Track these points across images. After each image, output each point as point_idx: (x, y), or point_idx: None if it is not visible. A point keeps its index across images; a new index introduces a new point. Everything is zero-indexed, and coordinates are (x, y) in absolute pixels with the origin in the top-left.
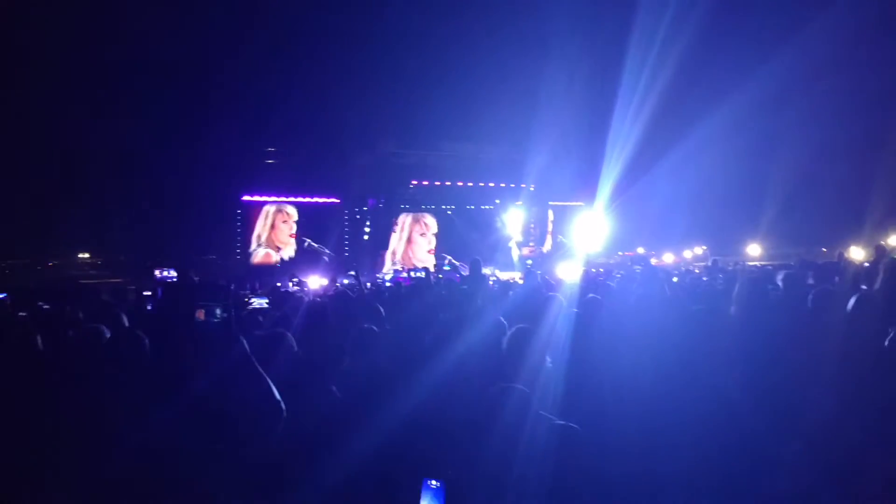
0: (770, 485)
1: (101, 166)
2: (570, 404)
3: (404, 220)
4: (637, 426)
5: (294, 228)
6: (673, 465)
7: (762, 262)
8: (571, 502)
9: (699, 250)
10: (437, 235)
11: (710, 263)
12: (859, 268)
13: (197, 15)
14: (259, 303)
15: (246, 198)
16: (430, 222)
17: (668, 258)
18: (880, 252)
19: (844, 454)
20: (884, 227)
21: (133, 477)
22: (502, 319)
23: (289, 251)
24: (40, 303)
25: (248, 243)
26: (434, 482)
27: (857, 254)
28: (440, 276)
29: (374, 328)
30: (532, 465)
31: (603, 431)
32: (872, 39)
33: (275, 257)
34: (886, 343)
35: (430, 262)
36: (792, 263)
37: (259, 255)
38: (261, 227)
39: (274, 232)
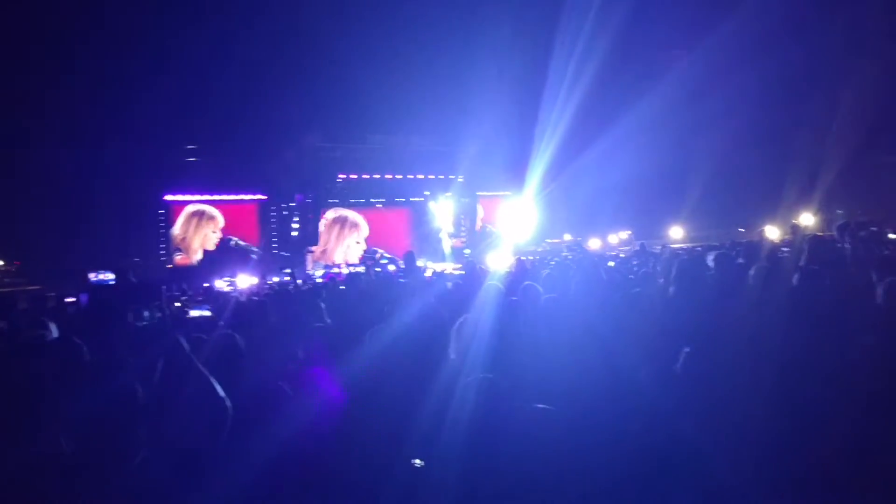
0: (724, 460)
1: (13, 168)
2: (525, 392)
3: (333, 217)
4: (592, 411)
5: (216, 232)
6: (623, 450)
7: (686, 244)
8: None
9: (624, 235)
10: (366, 237)
11: (637, 247)
12: (777, 246)
13: (117, 10)
14: (198, 313)
15: (168, 197)
16: (360, 222)
17: (595, 243)
18: (794, 230)
19: (795, 430)
20: (795, 208)
21: (81, 482)
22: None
23: (199, 254)
24: None
25: (171, 243)
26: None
27: (772, 233)
28: (377, 269)
29: (321, 325)
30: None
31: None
32: (785, 32)
33: (189, 260)
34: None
35: (357, 261)
36: (717, 244)
37: (176, 258)
38: (177, 230)
39: (190, 235)
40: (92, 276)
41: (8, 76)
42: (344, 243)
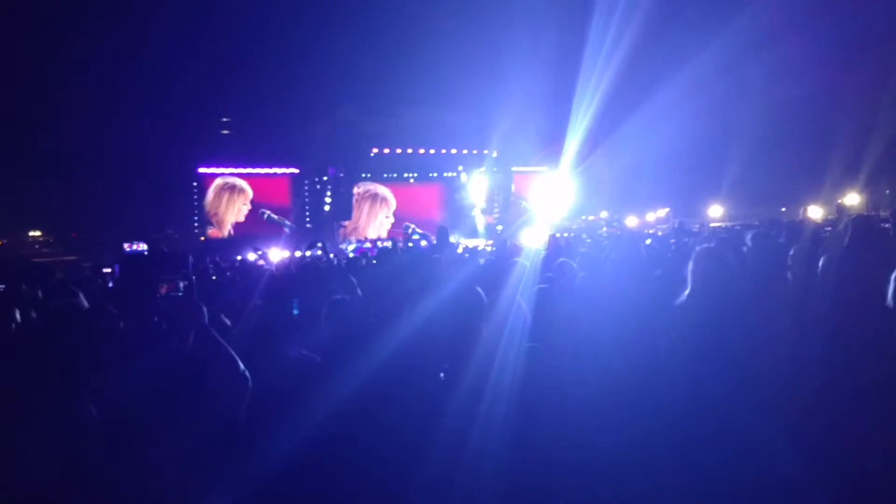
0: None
1: (51, 143)
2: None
3: (363, 192)
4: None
5: (247, 205)
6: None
7: (725, 223)
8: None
9: (662, 213)
10: (395, 212)
11: (675, 225)
12: (820, 226)
13: None
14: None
15: (202, 169)
16: (389, 196)
17: (632, 221)
18: (839, 210)
19: (829, 430)
20: (840, 187)
21: (104, 450)
22: (479, 290)
23: (230, 228)
24: None
25: (204, 216)
26: None
27: (815, 213)
28: (410, 244)
29: (346, 298)
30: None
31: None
32: (827, 6)
33: (220, 233)
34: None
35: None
36: (756, 223)
37: (209, 230)
38: (208, 202)
39: (222, 207)
40: (126, 247)
41: (45, 52)
42: (377, 218)
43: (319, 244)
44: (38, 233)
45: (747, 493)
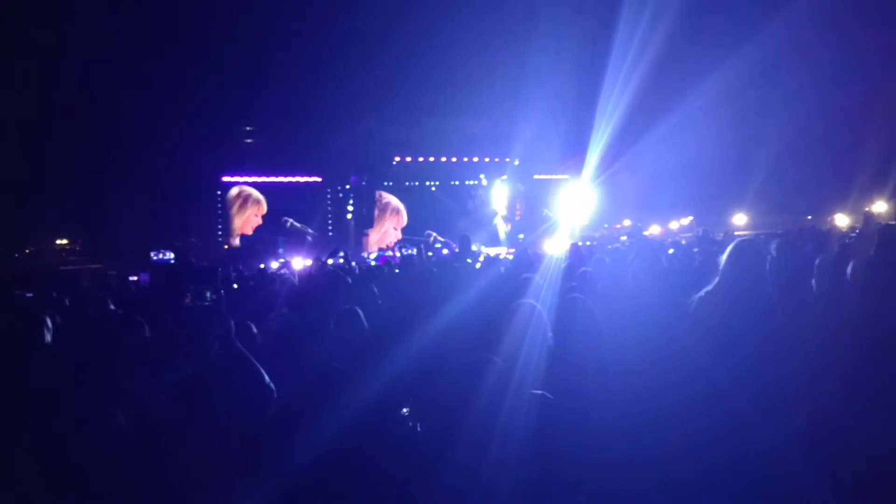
0: (760, 474)
1: (78, 151)
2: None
3: (386, 204)
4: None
5: (259, 218)
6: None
7: (750, 232)
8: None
9: (685, 221)
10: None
11: (700, 234)
12: (846, 235)
13: None
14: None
15: (226, 178)
16: (401, 208)
17: (655, 230)
18: (867, 219)
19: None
20: (868, 195)
21: (135, 457)
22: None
23: (237, 239)
24: (19, 291)
25: (229, 225)
26: None
27: (842, 221)
28: (430, 253)
29: (359, 311)
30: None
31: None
32: (858, 9)
33: (233, 241)
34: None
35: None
36: (779, 232)
37: (232, 239)
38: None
39: (236, 219)
40: (153, 256)
41: (71, 62)
42: (385, 228)
43: (341, 253)
44: (65, 241)
45: None
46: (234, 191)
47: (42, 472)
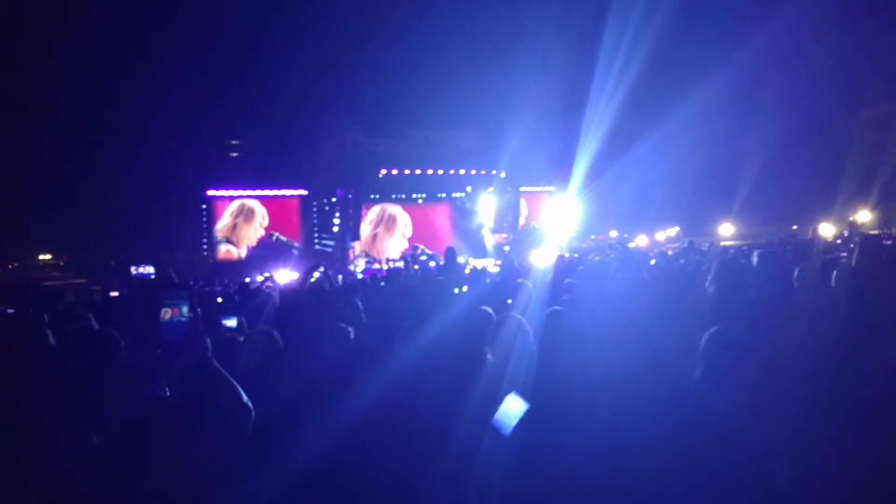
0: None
1: (61, 166)
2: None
3: (374, 212)
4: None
5: (263, 227)
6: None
7: (736, 242)
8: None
9: (672, 232)
10: (409, 227)
11: (685, 245)
12: (831, 244)
13: (159, 9)
14: (230, 323)
15: (211, 192)
16: (400, 214)
17: (642, 240)
18: (851, 228)
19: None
20: (852, 205)
21: (108, 478)
22: (488, 310)
23: (245, 250)
24: (2, 307)
25: (213, 239)
26: None
27: (826, 230)
28: (416, 266)
29: (349, 328)
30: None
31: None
32: (841, 23)
33: (236, 254)
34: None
35: (397, 254)
36: (763, 242)
37: (221, 251)
38: (224, 223)
39: (239, 229)
40: (133, 270)
41: (53, 78)
42: (393, 237)
43: (321, 268)
44: (48, 256)
45: None
46: (235, 205)
47: (9, 494)
